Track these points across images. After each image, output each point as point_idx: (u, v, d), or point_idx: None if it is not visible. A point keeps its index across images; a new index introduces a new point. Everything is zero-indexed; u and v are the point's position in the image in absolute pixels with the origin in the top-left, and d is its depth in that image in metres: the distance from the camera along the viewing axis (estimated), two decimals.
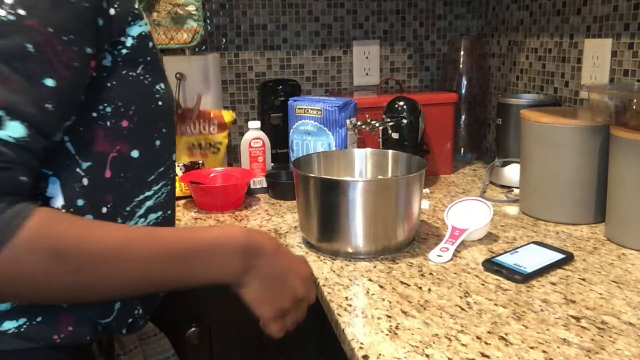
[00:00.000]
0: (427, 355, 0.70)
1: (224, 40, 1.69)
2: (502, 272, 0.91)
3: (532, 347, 0.71)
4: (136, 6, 0.69)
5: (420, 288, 0.88)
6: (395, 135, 1.39)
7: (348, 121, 1.34)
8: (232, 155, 1.67)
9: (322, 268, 0.97)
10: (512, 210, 1.25)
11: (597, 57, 1.30)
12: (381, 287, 0.89)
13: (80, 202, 0.66)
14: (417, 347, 0.72)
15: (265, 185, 1.41)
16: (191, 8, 1.45)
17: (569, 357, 0.69)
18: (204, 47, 1.66)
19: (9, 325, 0.63)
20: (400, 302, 0.84)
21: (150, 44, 0.71)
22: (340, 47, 1.78)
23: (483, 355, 0.70)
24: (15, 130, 0.56)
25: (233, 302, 1.10)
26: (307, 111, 1.35)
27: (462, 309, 0.81)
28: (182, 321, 1.06)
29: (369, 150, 1.20)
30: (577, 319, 0.78)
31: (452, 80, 1.71)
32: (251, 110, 1.74)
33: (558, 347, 0.71)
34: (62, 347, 0.65)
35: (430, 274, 0.93)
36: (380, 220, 0.99)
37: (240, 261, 0.66)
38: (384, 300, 0.84)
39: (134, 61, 0.69)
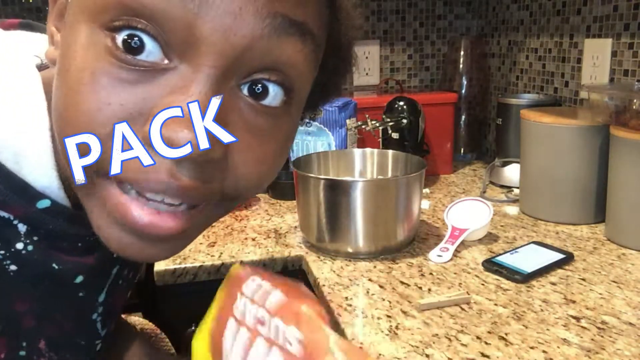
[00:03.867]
0: (427, 355, 0.70)
1: None
2: (502, 272, 0.91)
3: (532, 347, 0.71)
4: None
5: (420, 288, 0.88)
6: (395, 135, 1.39)
7: (348, 121, 1.34)
8: None
9: (322, 268, 0.97)
10: (512, 210, 1.25)
11: (597, 57, 1.30)
12: (381, 287, 0.89)
13: None
14: (417, 347, 0.72)
15: None
16: None
17: (569, 357, 0.69)
18: None
19: None
20: (400, 302, 0.84)
21: None
22: None
23: (483, 355, 0.70)
24: None
25: None
26: None
27: (462, 309, 0.81)
28: (182, 321, 1.06)
29: (369, 150, 1.20)
30: (577, 319, 0.78)
31: (452, 80, 1.71)
32: None
33: (558, 347, 0.71)
34: None
35: (430, 274, 0.93)
36: (380, 220, 0.99)
37: None
38: (384, 300, 0.84)
39: None
